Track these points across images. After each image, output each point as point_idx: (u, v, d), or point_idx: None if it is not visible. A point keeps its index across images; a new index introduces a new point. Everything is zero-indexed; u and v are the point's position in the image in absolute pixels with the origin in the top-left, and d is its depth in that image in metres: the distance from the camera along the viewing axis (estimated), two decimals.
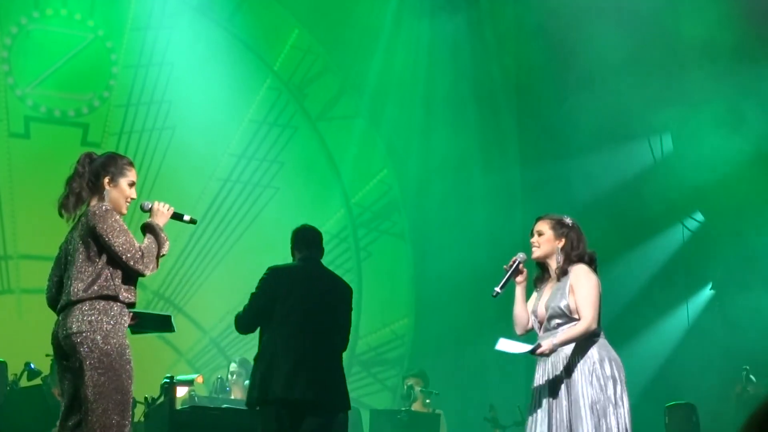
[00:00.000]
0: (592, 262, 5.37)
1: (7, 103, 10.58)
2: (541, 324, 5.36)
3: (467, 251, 11.97)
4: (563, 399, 5.19)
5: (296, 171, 11.86)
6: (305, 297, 6.10)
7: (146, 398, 7.47)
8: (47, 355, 8.69)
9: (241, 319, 6.27)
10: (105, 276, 4.63)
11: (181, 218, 5.13)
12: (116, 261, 4.67)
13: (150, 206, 5.00)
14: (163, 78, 11.22)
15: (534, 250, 5.45)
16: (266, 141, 11.80)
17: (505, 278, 5.43)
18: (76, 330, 4.55)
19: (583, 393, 5.14)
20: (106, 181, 4.85)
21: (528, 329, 5.50)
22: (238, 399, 9.26)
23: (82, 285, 4.61)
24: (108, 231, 4.64)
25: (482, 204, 12.13)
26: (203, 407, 7.77)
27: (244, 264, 10.98)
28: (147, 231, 4.88)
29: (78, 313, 4.57)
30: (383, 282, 11.78)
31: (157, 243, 4.81)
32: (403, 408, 9.50)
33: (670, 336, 10.36)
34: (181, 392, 7.60)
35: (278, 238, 11.23)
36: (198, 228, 10.52)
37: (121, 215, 4.85)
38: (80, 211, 4.83)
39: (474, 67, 12.38)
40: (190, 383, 8.08)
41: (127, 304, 4.71)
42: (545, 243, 5.41)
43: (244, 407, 7.97)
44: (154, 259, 4.76)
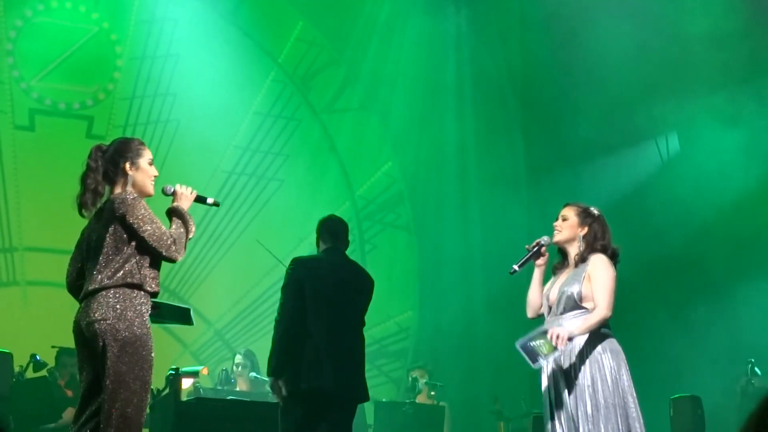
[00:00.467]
0: (614, 257, 5.35)
1: (12, 95, 10.59)
2: (551, 308, 5.36)
3: (472, 244, 11.99)
4: (575, 393, 5.18)
5: (301, 163, 11.86)
6: (329, 289, 6.04)
7: (151, 390, 7.48)
8: (53, 346, 8.76)
9: (281, 322, 6.00)
10: (131, 264, 4.57)
11: (204, 201, 5.04)
12: (145, 249, 4.60)
13: (173, 190, 4.90)
14: (168, 70, 11.23)
15: (556, 233, 5.43)
16: (271, 133, 11.80)
17: (525, 258, 5.41)
18: (100, 317, 4.49)
19: (600, 388, 5.13)
20: (127, 166, 4.75)
21: (539, 313, 5.47)
22: (243, 391, 9.28)
23: (107, 272, 4.55)
24: (138, 220, 4.57)
25: (487, 196, 12.12)
26: (208, 399, 7.77)
27: (248, 256, 10.99)
28: (173, 215, 4.80)
29: (102, 300, 4.51)
30: (388, 274, 11.76)
31: (185, 228, 4.73)
32: (408, 400, 9.51)
33: (675, 328, 10.35)
34: (186, 384, 7.61)
35: (283, 231, 11.31)
36: (202, 220, 10.52)
37: (150, 196, 4.80)
38: (99, 203, 4.74)
39: (479, 60, 12.37)
40: (195, 375, 8.10)
41: (151, 294, 4.65)
42: (568, 228, 5.40)
43: (249, 399, 8.00)
44: (184, 244, 4.70)
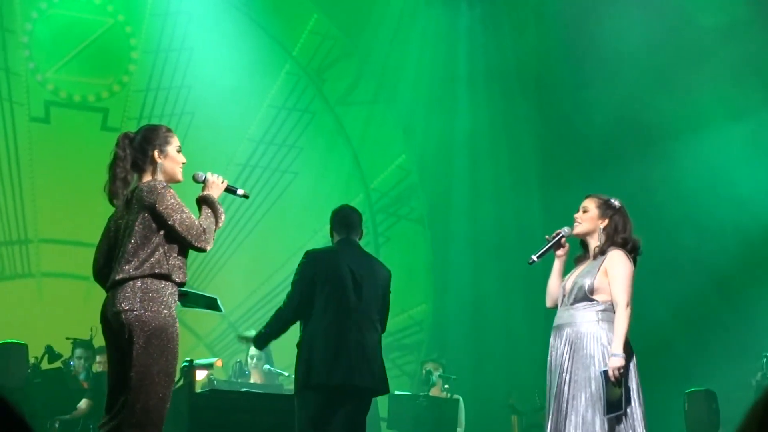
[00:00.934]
0: (634, 249, 5.33)
1: (28, 87, 10.63)
2: (564, 298, 5.35)
3: (485, 237, 11.97)
4: (573, 387, 5.17)
5: (315, 156, 11.86)
6: (343, 280, 6.00)
7: None
8: (67, 338, 8.79)
9: (283, 312, 6.06)
10: (159, 254, 4.50)
11: (234, 192, 4.96)
12: (173, 238, 4.54)
13: (204, 177, 4.82)
14: (183, 63, 11.24)
15: (576, 225, 5.42)
16: (285, 126, 11.81)
17: (545, 248, 5.41)
18: (127, 308, 4.43)
19: (595, 377, 5.13)
20: (156, 154, 4.67)
21: (558, 303, 5.48)
22: (257, 383, 9.30)
23: (135, 262, 4.48)
24: (168, 208, 4.50)
25: (500, 189, 12.10)
26: (222, 391, 7.79)
27: (263, 249, 11.00)
28: (203, 204, 4.72)
29: (129, 291, 4.45)
30: (401, 267, 11.75)
31: (215, 217, 4.66)
32: (422, 393, 9.51)
33: (690, 322, 10.33)
34: (200, 376, 7.62)
35: (297, 223, 11.32)
36: None
37: (178, 182, 4.73)
38: (128, 191, 4.65)
39: (493, 54, 12.33)
40: (209, 367, 8.11)
41: (178, 284, 4.58)
42: (588, 220, 5.38)
43: (263, 391, 8.01)
44: (213, 234, 4.63)
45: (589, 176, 10.83)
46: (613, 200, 5.43)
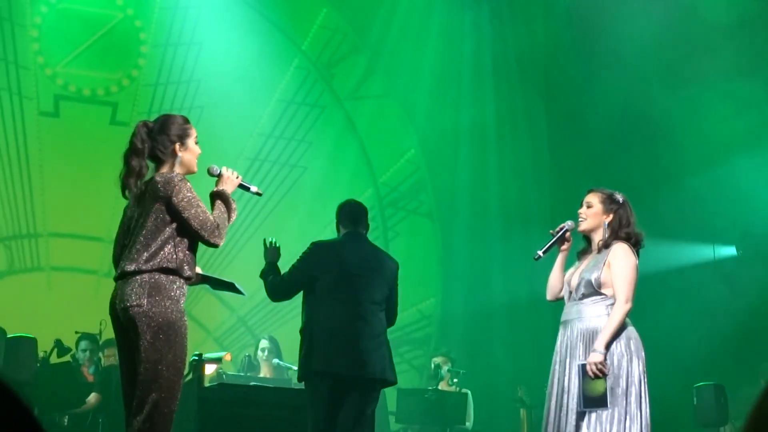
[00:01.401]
0: (637, 243, 5.32)
1: (38, 81, 10.65)
2: (571, 294, 5.34)
3: (494, 231, 11.96)
4: (575, 379, 5.16)
5: (324, 150, 11.87)
6: (349, 272, 6.03)
7: None
8: (76, 332, 8.81)
9: (277, 286, 6.20)
10: (169, 247, 4.48)
11: (248, 189, 4.92)
12: (185, 232, 4.51)
13: (218, 171, 4.78)
14: (192, 57, 11.25)
15: (581, 222, 5.41)
16: (294, 120, 11.81)
17: (550, 243, 5.41)
18: (136, 303, 4.41)
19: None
20: (177, 147, 4.64)
21: (559, 297, 5.47)
22: (266, 377, 9.31)
23: (145, 255, 4.45)
24: (184, 202, 4.48)
25: (510, 184, 12.09)
26: (231, 384, 7.81)
27: None
28: (217, 199, 4.69)
29: (137, 285, 4.43)
30: (410, 262, 11.75)
31: (228, 212, 4.64)
32: (430, 387, 9.52)
33: (698, 315, 10.31)
34: (209, 370, 7.64)
35: (306, 217, 11.32)
36: None
37: (193, 173, 4.70)
38: (141, 181, 4.60)
39: (501, 48, 12.32)
40: (218, 361, 8.12)
41: (186, 279, 4.56)
42: (592, 216, 5.37)
43: (272, 385, 8.02)
44: (226, 229, 4.61)
45: (595, 169, 10.82)
46: (616, 194, 5.41)
